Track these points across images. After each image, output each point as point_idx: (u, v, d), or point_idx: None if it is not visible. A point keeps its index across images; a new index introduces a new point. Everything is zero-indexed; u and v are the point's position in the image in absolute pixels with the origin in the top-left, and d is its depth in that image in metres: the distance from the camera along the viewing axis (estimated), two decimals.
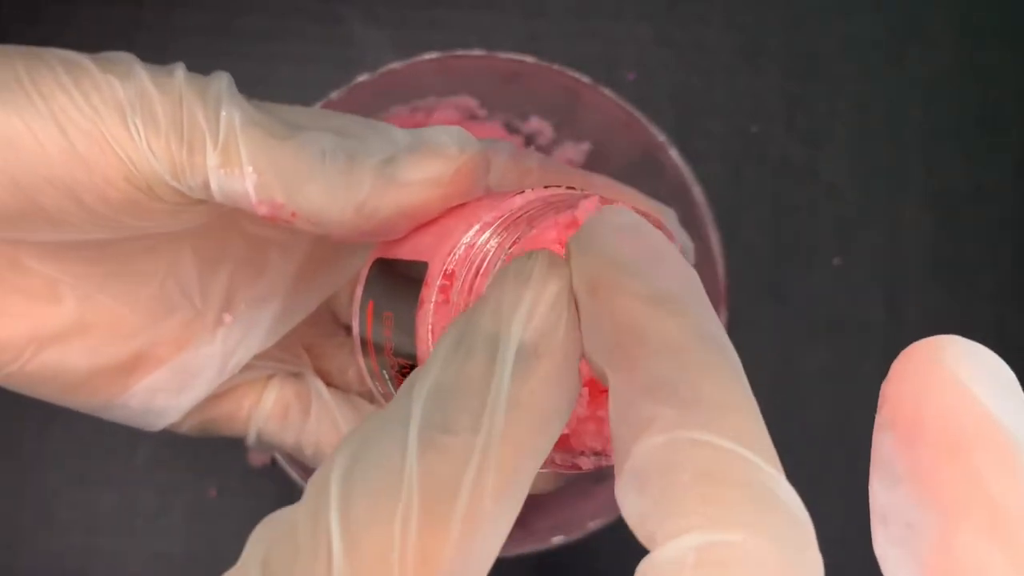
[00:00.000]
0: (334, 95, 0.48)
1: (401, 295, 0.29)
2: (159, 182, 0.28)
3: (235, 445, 0.55)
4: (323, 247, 0.35)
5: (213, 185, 0.28)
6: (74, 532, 0.54)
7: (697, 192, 0.49)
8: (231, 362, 0.33)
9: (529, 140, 0.54)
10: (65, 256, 0.31)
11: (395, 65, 0.48)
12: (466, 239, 0.27)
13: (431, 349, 0.26)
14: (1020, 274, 0.57)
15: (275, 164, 0.28)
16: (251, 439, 0.34)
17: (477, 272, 0.26)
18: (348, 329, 0.38)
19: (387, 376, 0.30)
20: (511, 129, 0.54)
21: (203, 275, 0.32)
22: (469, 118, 0.53)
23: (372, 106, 0.50)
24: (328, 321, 0.39)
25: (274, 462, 0.54)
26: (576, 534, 0.48)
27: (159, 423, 0.33)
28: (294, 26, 0.57)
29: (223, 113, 0.28)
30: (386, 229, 0.29)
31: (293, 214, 0.28)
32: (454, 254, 0.27)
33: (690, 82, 0.57)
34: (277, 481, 0.54)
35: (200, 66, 0.59)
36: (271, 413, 0.34)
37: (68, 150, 0.27)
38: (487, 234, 0.27)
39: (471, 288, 0.26)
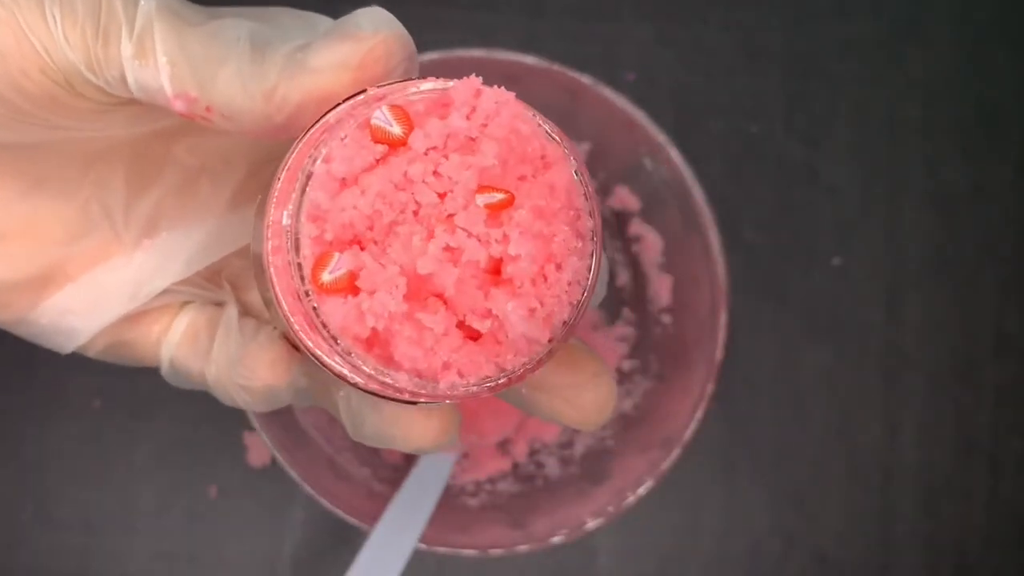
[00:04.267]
0: None
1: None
2: (76, 75, 0.28)
3: (235, 445, 0.55)
4: (256, 180, 0.34)
5: (129, 78, 0.27)
6: (74, 532, 0.54)
7: (697, 192, 0.49)
8: (144, 288, 0.32)
9: None
10: None
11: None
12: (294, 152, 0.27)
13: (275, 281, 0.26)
14: (1020, 274, 0.57)
15: (188, 53, 0.27)
16: (164, 367, 0.33)
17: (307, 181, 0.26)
18: None
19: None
20: None
21: (130, 198, 0.31)
22: None
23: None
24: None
25: (274, 461, 0.54)
26: (575, 534, 0.48)
27: (68, 344, 0.32)
28: None
29: (142, 2, 0.27)
30: (300, 121, 0.28)
31: (208, 109, 0.27)
32: (282, 172, 0.27)
33: (690, 82, 0.57)
34: (277, 481, 0.54)
35: None
36: (181, 339, 0.32)
37: None
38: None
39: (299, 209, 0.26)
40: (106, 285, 0.32)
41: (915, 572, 0.56)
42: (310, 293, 0.26)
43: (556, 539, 0.48)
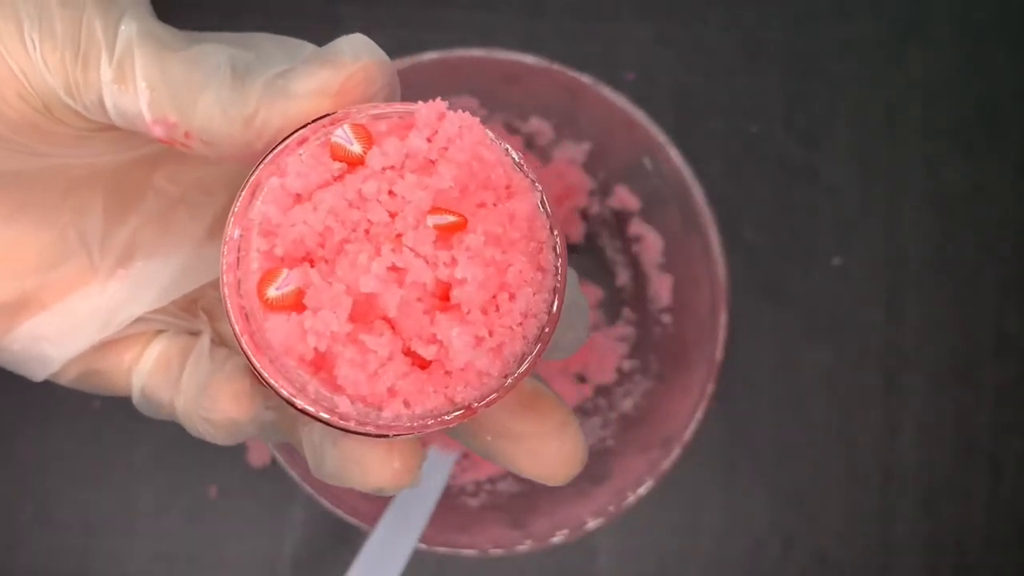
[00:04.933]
0: None
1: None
2: (55, 100, 0.27)
3: (235, 445, 0.55)
4: None
5: (108, 103, 0.27)
6: (74, 532, 0.54)
7: (697, 192, 0.49)
8: (117, 317, 0.31)
9: (529, 140, 0.54)
10: None
11: (395, 65, 0.48)
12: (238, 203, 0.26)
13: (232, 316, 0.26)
14: (1020, 274, 0.57)
15: (168, 78, 0.27)
16: (135, 395, 0.32)
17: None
18: None
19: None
20: (511, 129, 0.54)
21: (108, 225, 0.31)
22: None
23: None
24: None
25: (274, 461, 0.54)
26: (575, 534, 0.48)
27: (41, 372, 0.32)
28: (294, 26, 0.57)
29: (122, 27, 0.27)
30: None
31: (187, 135, 0.27)
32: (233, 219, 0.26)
33: (690, 82, 0.57)
34: (277, 481, 0.54)
35: None
36: (153, 367, 0.32)
37: None
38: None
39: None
40: (79, 313, 0.31)
41: (915, 572, 0.56)
42: (253, 308, 0.25)
43: (556, 539, 0.48)
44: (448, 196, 0.26)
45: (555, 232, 0.26)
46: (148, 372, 0.32)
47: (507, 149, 0.27)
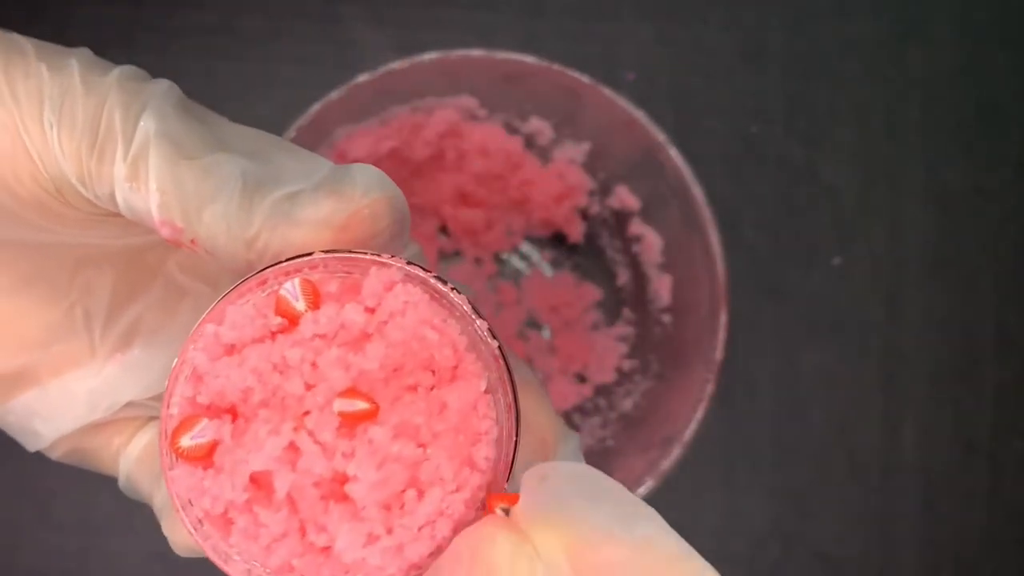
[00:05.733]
0: (334, 95, 0.48)
1: None
2: (67, 186, 0.27)
3: None
4: None
5: (119, 198, 0.27)
6: (74, 532, 0.54)
7: (697, 192, 0.49)
8: (107, 401, 0.31)
9: (529, 140, 0.54)
10: None
11: (395, 65, 0.48)
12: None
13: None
14: (1020, 273, 0.57)
15: (179, 185, 0.26)
16: (121, 481, 0.32)
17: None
18: None
19: None
20: (511, 129, 0.54)
21: (113, 307, 0.31)
22: (469, 118, 0.53)
23: (372, 106, 0.50)
24: None
25: None
26: None
27: (33, 445, 0.32)
28: (295, 26, 0.57)
29: (142, 123, 0.27)
30: None
31: (192, 241, 0.27)
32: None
33: (690, 82, 0.57)
34: None
35: (200, 66, 0.59)
36: (139, 456, 0.31)
37: None
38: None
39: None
40: (72, 393, 0.31)
41: (915, 572, 0.56)
42: (166, 453, 0.24)
43: None
44: (372, 377, 0.24)
45: (500, 423, 0.25)
46: (134, 460, 0.31)
47: (471, 323, 0.25)
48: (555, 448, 0.28)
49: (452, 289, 0.25)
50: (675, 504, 0.55)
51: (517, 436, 0.25)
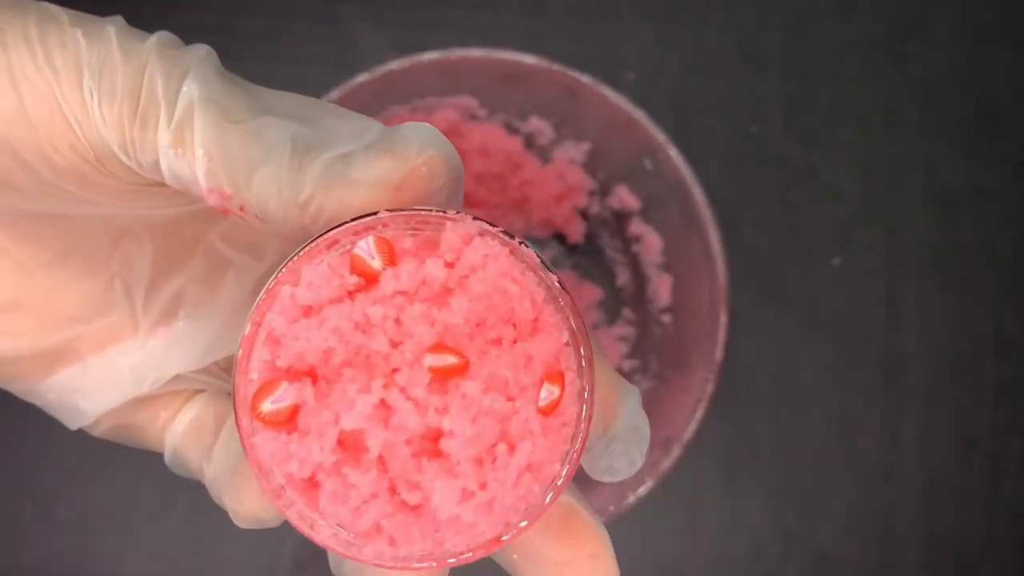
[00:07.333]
0: (334, 95, 0.48)
1: None
2: (108, 154, 0.27)
3: None
4: None
5: (163, 165, 0.26)
6: (74, 531, 0.54)
7: (697, 192, 0.49)
8: (153, 375, 0.30)
9: (529, 140, 0.54)
10: (17, 225, 0.28)
11: (395, 65, 0.48)
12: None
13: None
14: (1020, 274, 0.57)
15: (226, 150, 0.26)
16: (167, 455, 0.31)
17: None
18: None
19: None
20: (511, 129, 0.54)
21: (154, 280, 0.30)
22: (469, 118, 0.53)
23: (372, 106, 0.50)
24: None
25: None
26: None
27: (75, 422, 0.31)
28: (294, 26, 0.57)
29: (184, 88, 0.26)
30: None
31: (242, 208, 0.26)
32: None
33: (690, 82, 0.57)
34: None
35: None
36: (186, 429, 0.31)
37: (16, 105, 0.26)
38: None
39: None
40: (115, 368, 0.30)
41: (915, 572, 0.56)
42: (247, 420, 0.24)
43: None
44: (458, 331, 0.24)
45: (582, 374, 0.25)
46: (181, 434, 0.31)
47: (545, 276, 0.25)
48: (617, 404, 0.28)
49: (521, 243, 0.25)
50: (675, 504, 0.55)
51: (593, 388, 0.25)
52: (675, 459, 0.48)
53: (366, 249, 0.24)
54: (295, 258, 0.25)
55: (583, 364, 0.25)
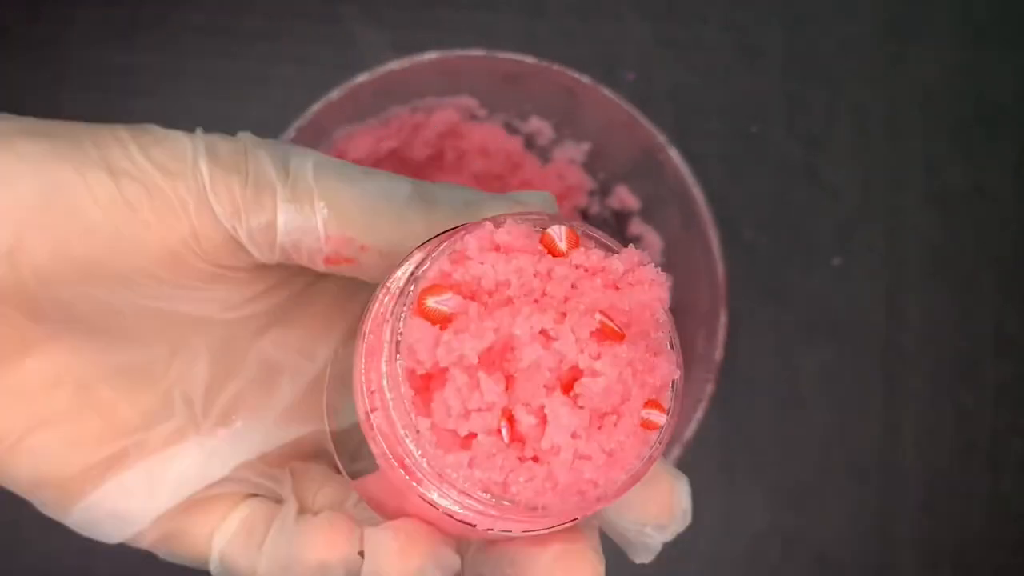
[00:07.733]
0: (334, 95, 0.48)
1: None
2: (206, 226, 0.28)
3: None
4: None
5: (280, 220, 0.27)
6: (74, 532, 0.54)
7: (697, 192, 0.49)
8: (212, 471, 0.31)
9: (529, 140, 0.54)
10: (76, 336, 0.29)
11: (395, 65, 0.48)
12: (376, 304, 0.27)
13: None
14: (1020, 274, 0.57)
15: (348, 199, 0.27)
16: (213, 561, 0.31)
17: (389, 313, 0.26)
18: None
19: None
20: (511, 129, 0.54)
21: (211, 387, 0.31)
22: (469, 118, 0.53)
23: (372, 106, 0.50)
24: (314, 443, 0.35)
25: None
26: None
27: (122, 531, 0.31)
28: (294, 26, 0.57)
29: (292, 163, 0.28)
30: None
31: (363, 247, 0.28)
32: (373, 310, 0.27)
33: (690, 82, 0.57)
34: None
35: (200, 66, 0.59)
36: (238, 529, 0.31)
37: (116, 197, 0.27)
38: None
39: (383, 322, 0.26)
40: (172, 466, 0.31)
41: (915, 572, 0.56)
42: (403, 314, 0.25)
43: None
44: (621, 314, 0.26)
45: (677, 395, 0.27)
46: (232, 533, 0.31)
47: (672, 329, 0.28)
48: (673, 493, 0.31)
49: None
50: None
51: (669, 440, 0.28)
52: (675, 459, 0.48)
53: (557, 232, 0.26)
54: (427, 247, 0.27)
55: (674, 415, 0.27)
